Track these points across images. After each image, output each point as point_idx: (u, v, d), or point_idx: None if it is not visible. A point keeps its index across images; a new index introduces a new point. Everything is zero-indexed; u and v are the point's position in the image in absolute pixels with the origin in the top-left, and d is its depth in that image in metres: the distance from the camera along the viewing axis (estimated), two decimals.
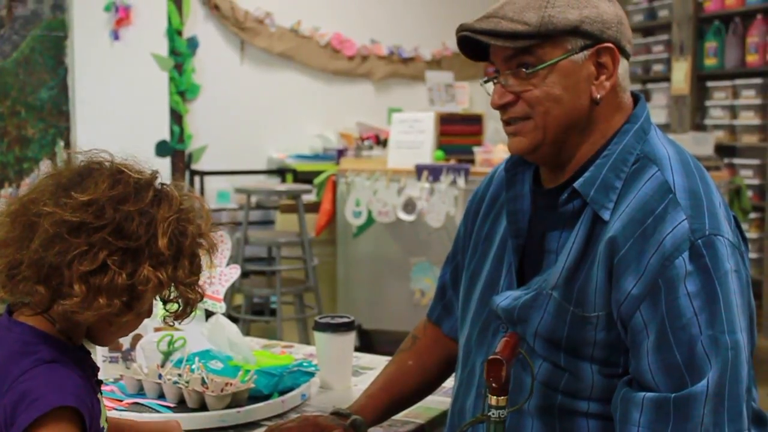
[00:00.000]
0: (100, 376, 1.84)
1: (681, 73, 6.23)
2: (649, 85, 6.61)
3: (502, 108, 1.44)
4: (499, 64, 1.43)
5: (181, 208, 1.17)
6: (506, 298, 1.46)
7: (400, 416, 1.72)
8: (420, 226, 4.65)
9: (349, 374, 1.96)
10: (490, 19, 1.40)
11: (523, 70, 1.39)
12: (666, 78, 6.46)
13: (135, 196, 1.13)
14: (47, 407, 1.06)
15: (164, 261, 1.12)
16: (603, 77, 1.41)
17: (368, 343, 4.93)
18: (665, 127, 6.03)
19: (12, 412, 1.07)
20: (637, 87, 6.52)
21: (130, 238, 1.11)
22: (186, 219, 1.17)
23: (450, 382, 1.79)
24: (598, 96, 1.41)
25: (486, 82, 1.49)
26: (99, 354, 1.90)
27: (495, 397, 1.23)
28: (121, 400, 1.75)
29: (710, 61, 6.09)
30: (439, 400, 1.81)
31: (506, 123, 1.45)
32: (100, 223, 1.10)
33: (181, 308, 1.20)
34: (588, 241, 1.38)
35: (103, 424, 1.19)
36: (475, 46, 1.46)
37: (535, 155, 1.45)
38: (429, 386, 1.75)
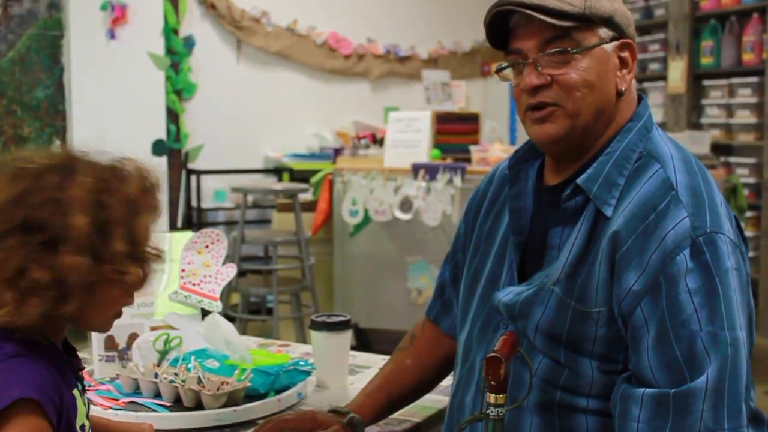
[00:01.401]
0: (96, 375, 1.86)
1: (677, 71, 6.23)
2: (646, 84, 6.62)
3: (533, 90, 1.42)
4: (531, 47, 1.42)
5: (101, 179, 1.12)
6: (508, 294, 1.46)
7: (396, 415, 1.71)
8: (416, 224, 4.66)
9: (345, 373, 1.95)
10: None
11: (568, 49, 1.39)
12: (662, 77, 6.46)
13: (36, 185, 1.10)
14: (8, 400, 1.06)
15: (88, 241, 1.09)
16: (624, 71, 1.44)
17: (365, 341, 4.93)
18: (661, 126, 6.00)
19: None
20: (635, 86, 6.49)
21: (42, 230, 1.08)
22: (108, 189, 1.12)
23: (447, 381, 1.79)
24: (623, 88, 1.44)
25: (506, 67, 1.48)
26: (95, 353, 1.90)
27: (494, 395, 1.23)
28: (118, 399, 1.74)
29: (706, 60, 6.09)
30: (436, 399, 1.81)
31: (532, 109, 1.44)
32: (9, 226, 1.08)
33: (143, 275, 1.17)
34: (590, 237, 1.38)
35: (82, 421, 1.18)
36: (497, 31, 1.46)
37: (561, 144, 1.44)
38: (427, 385, 1.75)
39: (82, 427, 1.18)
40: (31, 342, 1.13)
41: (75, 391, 1.17)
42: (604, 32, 1.42)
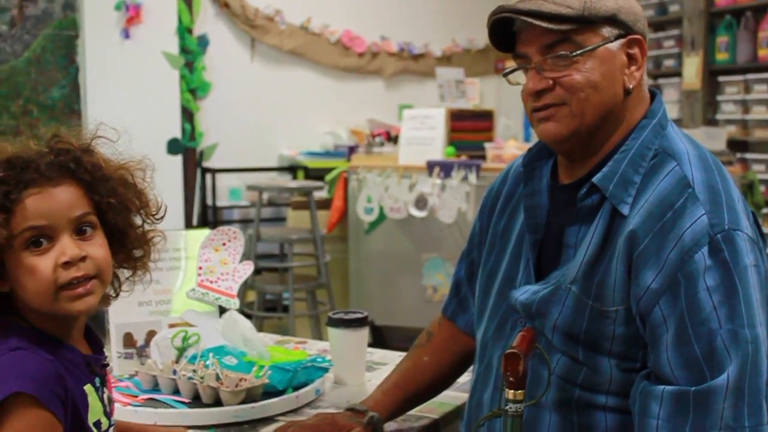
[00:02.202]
0: (115, 372, 1.87)
1: (692, 68, 6.20)
2: (660, 81, 6.59)
3: (537, 94, 1.43)
4: (533, 51, 1.42)
5: None
6: (525, 293, 1.46)
7: (414, 411, 1.72)
8: (432, 222, 4.65)
9: (362, 370, 1.96)
10: (533, 1, 1.40)
11: (567, 54, 1.39)
12: (677, 73, 6.44)
13: None
14: (3, 394, 1.06)
15: None
16: (633, 68, 1.43)
17: (380, 339, 4.93)
18: (677, 123, 5.97)
19: None
20: (648, 82, 6.47)
21: None
22: None
23: (464, 378, 1.79)
24: (630, 86, 1.42)
25: (512, 71, 1.48)
26: (114, 350, 1.91)
27: (512, 391, 1.23)
28: (137, 396, 1.75)
29: (722, 56, 6.06)
30: (453, 395, 1.81)
31: (537, 109, 1.44)
32: None
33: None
34: (607, 236, 1.38)
35: (97, 418, 1.17)
36: (502, 32, 1.46)
37: (567, 144, 1.44)
38: (444, 382, 1.75)
39: (97, 424, 1.17)
40: (37, 335, 1.13)
41: (88, 387, 1.16)
42: (607, 31, 1.40)
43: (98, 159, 1.19)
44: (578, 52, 1.39)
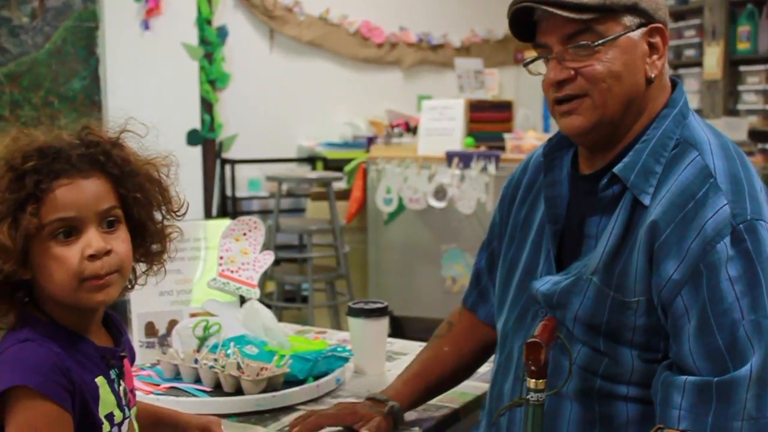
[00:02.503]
0: (137, 361, 1.88)
1: (713, 57, 6.16)
2: (681, 71, 6.54)
3: (558, 85, 1.42)
4: (554, 41, 1.42)
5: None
6: (546, 283, 1.45)
7: (434, 401, 1.72)
8: (451, 213, 4.65)
9: (382, 359, 1.96)
10: None
11: (588, 44, 1.38)
12: (698, 63, 6.39)
13: None
14: (4, 386, 1.07)
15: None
16: (655, 57, 1.42)
17: (399, 330, 4.93)
18: (697, 113, 5.93)
19: None
20: (668, 71, 6.42)
21: None
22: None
23: (485, 368, 1.79)
24: (652, 75, 1.41)
25: (532, 61, 1.48)
26: (136, 339, 1.92)
27: (534, 380, 1.23)
28: (158, 385, 1.76)
29: (743, 46, 6.02)
30: (474, 385, 1.81)
31: (558, 102, 1.43)
32: None
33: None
34: (628, 226, 1.37)
35: (109, 411, 1.17)
36: (523, 22, 1.45)
37: (591, 136, 1.44)
38: (464, 372, 1.75)
39: (110, 416, 1.17)
40: (51, 327, 1.14)
41: (100, 379, 1.16)
42: (629, 20, 1.39)
43: (127, 153, 1.19)
44: (600, 41, 1.38)
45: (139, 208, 1.20)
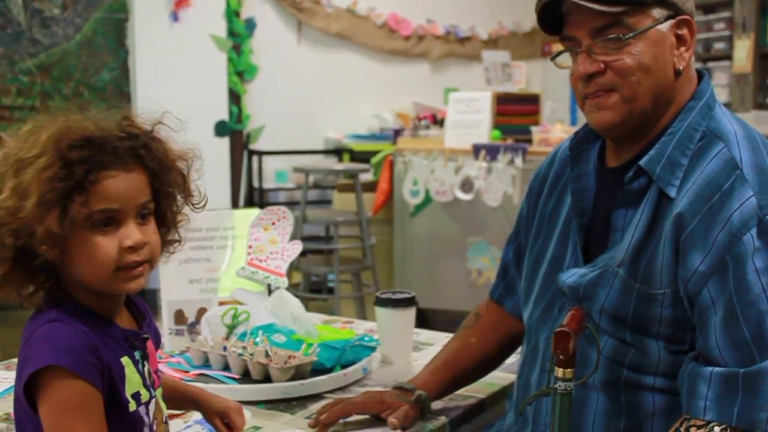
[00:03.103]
0: (167, 348, 1.90)
1: (743, 51, 6.11)
2: (710, 64, 6.50)
3: (588, 78, 1.42)
4: (583, 34, 1.41)
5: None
6: (572, 276, 1.46)
7: (461, 391, 1.73)
8: (477, 205, 4.65)
9: (409, 349, 1.98)
10: None
11: (620, 36, 1.37)
12: (727, 56, 6.34)
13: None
14: (37, 366, 1.09)
15: (2, 213, 1.11)
16: (682, 49, 1.42)
17: (424, 322, 4.93)
18: (726, 107, 5.89)
19: (20, 371, 1.12)
20: (697, 65, 6.37)
21: None
22: (13, 159, 1.13)
23: (511, 359, 1.80)
24: (681, 67, 1.41)
25: (559, 54, 1.48)
26: (165, 327, 1.95)
27: (562, 369, 1.24)
28: (188, 371, 1.79)
29: None
30: (500, 376, 1.82)
31: (588, 97, 1.43)
32: None
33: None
34: (654, 219, 1.37)
35: (136, 390, 1.19)
36: (552, 16, 1.45)
37: (620, 130, 1.44)
38: (491, 363, 1.76)
39: (136, 395, 1.19)
40: (77, 308, 1.16)
41: (125, 359, 1.18)
42: (658, 12, 1.39)
43: (165, 148, 1.21)
44: (630, 35, 1.38)
45: (168, 201, 1.23)
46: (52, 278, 1.17)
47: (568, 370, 1.23)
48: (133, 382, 1.19)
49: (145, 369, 1.24)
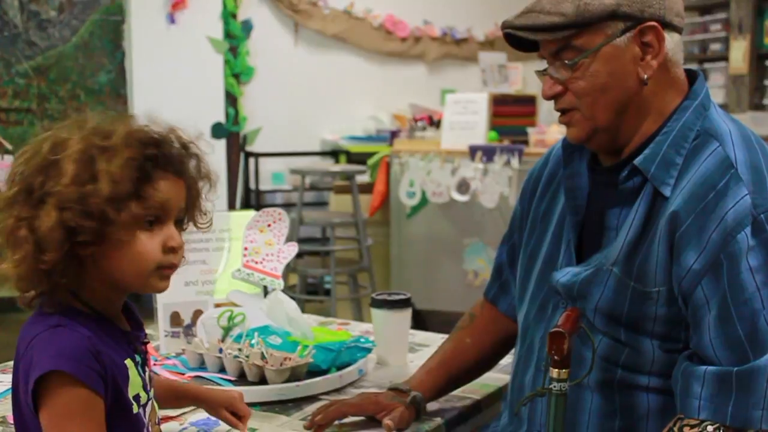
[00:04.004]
0: (162, 350, 1.91)
1: (739, 52, 6.12)
2: (707, 65, 6.51)
3: (553, 98, 1.46)
4: (546, 56, 1.45)
5: (85, 138, 1.16)
6: (566, 274, 1.46)
7: (456, 392, 1.73)
8: (474, 206, 4.65)
9: (405, 351, 1.98)
10: (529, 14, 1.41)
11: (566, 62, 1.40)
12: (724, 57, 6.35)
13: (36, 154, 1.16)
14: (41, 371, 1.10)
15: (73, 192, 1.12)
16: (649, 57, 1.40)
17: (421, 323, 4.93)
18: (723, 108, 5.89)
19: (25, 376, 1.13)
20: (693, 66, 6.38)
21: (33, 191, 1.14)
22: (97, 146, 1.15)
23: (506, 360, 1.80)
24: (646, 76, 1.40)
25: (542, 72, 1.50)
26: (161, 329, 1.95)
27: (557, 369, 1.24)
28: (183, 374, 1.79)
29: None
30: (496, 377, 1.82)
31: (559, 113, 1.47)
32: (13, 191, 1.15)
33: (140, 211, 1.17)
34: (649, 218, 1.38)
35: (137, 392, 1.20)
36: (522, 39, 1.47)
37: (592, 143, 1.47)
38: (486, 364, 1.76)
39: (137, 397, 1.20)
40: (80, 312, 1.17)
41: (128, 361, 1.20)
42: (611, 28, 1.38)
43: (201, 163, 1.26)
44: (577, 58, 1.39)
45: (191, 214, 1.27)
46: (67, 277, 1.17)
47: (564, 370, 1.24)
48: (135, 384, 1.20)
49: (146, 372, 1.25)
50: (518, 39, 1.46)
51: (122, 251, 1.16)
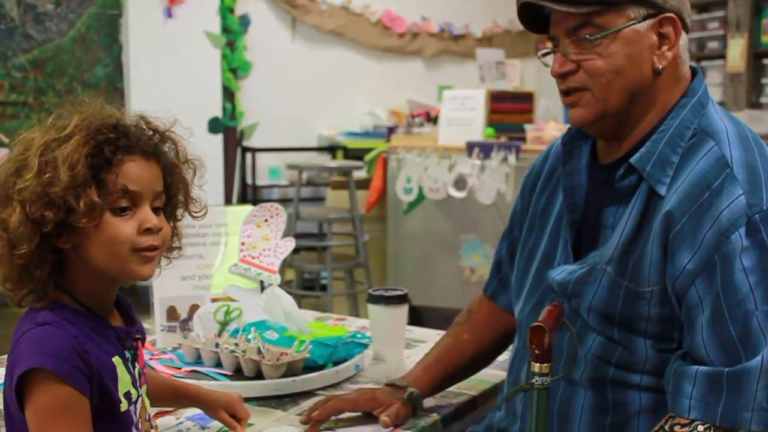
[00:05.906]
0: (159, 344, 1.90)
1: (737, 50, 6.12)
2: (704, 63, 6.51)
3: (561, 77, 1.43)
4: (560, 34, 1.42)
5: (47, 132, 1.17)
6: (561, 272, 1.46)
7: (453, 388, 1.74)
8: (470, 203, 4.66)
9: (402, 346, 1.98)
10: None
11: (587, 37, 1.38)
12: (721, 55, 6.36)
13: (9, 159, 1.18)
14: (24, 368, 1.11)
15: (36, 185, 1.13)
16: (665, 47, 1.40)
17: (417, 319, 4.94)
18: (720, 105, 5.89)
19: (10, 373, 1.14)
20: (691, 64, 6.35)
21: (6, 192, 1.15)
22: (54, 138, 1.16)
23: (503, 356, 1.81)
24: (660, 66, 1.40)
25: (546, 54, 1.48)
26: (158, 323, 1.95)
27: (538, 364, 1.24)
28: (180, 368, 1.79)
29: (767, 38, 5.98)
30: (493, 373, 1.83)
31: (564, 93, 1.45)
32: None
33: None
34: (643, 216, 1.38)
35: (126, 390, 1.20)
36: (534, 16, 1.46)
37: (596, 127, 1.45)
38: (484, 359, 1.76)
39: (127, 395, 1.20)
40: (69, 309, 1.17)
41: (116, 359, 1.19)
42: (634, 11, 1.38)
43: (178, 147, 1.26)
44: (599, 35, 1.38)
45: (175, 201, 1.27)
46: (55, 272, 1.17)
47: (545, 365, 1.24)
48: (124, 381, 1.20)
49: (136, 368, 1.25)
50: (530, 15, 1.45)
51: (95, 238, 1.16)
